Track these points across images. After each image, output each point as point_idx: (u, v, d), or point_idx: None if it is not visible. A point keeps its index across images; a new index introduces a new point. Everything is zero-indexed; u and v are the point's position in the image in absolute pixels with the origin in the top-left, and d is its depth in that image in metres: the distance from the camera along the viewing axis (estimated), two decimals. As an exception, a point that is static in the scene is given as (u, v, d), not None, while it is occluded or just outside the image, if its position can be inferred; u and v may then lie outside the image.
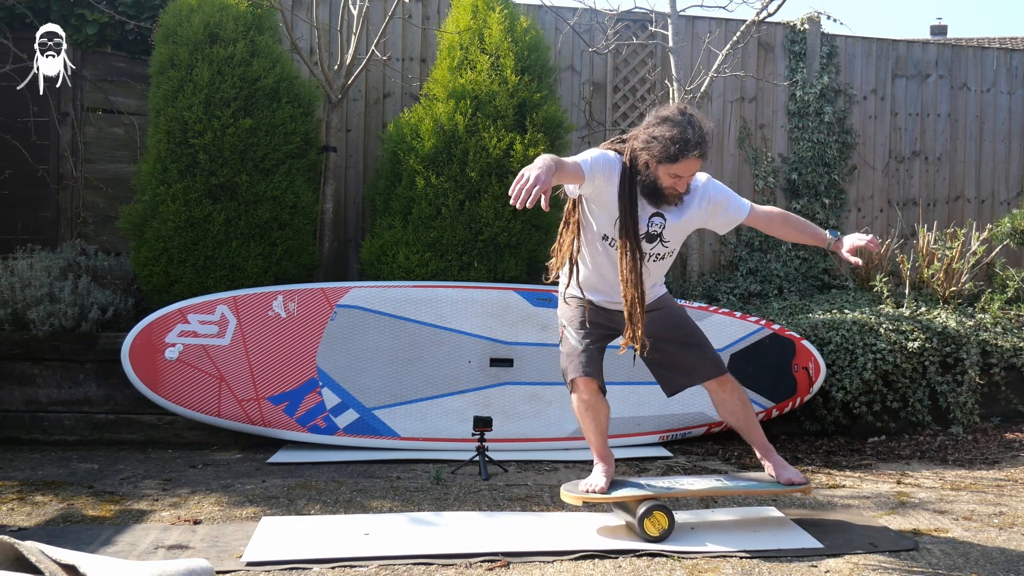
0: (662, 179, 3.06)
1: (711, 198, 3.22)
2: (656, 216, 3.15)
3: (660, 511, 3.08)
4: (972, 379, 5.16)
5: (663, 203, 3.13)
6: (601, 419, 3.32)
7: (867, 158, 6.91)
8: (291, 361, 4.56)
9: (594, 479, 3.28)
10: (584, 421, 3.33)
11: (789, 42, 6.76)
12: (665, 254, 3.23)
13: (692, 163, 3.03)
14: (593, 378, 3.24)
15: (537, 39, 5.55)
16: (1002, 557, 2.97)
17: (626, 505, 3.20)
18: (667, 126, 3.02)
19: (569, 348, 3.29)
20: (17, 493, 3.72)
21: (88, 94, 5.86)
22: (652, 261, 3.21)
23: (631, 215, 3.09)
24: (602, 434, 3.34)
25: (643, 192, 3.11)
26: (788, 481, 3.34)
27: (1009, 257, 6.71)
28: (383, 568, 2.83)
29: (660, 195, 3.11)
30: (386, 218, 5.30)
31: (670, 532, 3.09)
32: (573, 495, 3.23)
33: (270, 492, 3.78)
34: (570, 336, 3.29)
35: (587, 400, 3.27)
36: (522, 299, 4.77)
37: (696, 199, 3.20)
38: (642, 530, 3.06)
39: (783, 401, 4.89)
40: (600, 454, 3.34)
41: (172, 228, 4.96)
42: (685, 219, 3.20)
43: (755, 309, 5.75)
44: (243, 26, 5.18)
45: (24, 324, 4.85)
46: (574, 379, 3.26)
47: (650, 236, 3.16)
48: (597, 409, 3.30)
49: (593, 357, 3.25)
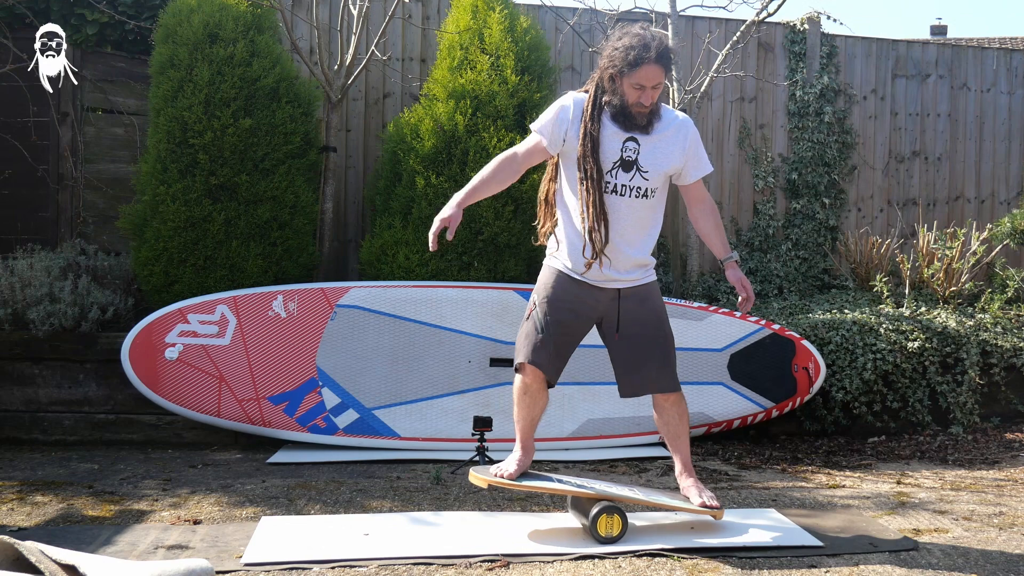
0: (627, 94, 3.06)
1: (688, 134, 3.20)
2: (630, 141, 3.11)
3: (616, 513, 3.05)
4: (972, 379, 5.16)
5: (633, 126, 3.11)
6: (536, 409, 3.29)
7: (867, 158, 6.91)
8: (291, 361, 4.56)
9: (506, 464, 3.26)
10: (519, 405, 3.29)
11: (789, 42, 6.76)
12: (647, 189, 3.14)
13: (653, 70, 3.02)
14: (540, 368, 3.18)
15: (537, 39, 5.55)
16: (1002, 557, 2.97)
17: (581, 504, 3.18)
18: (627, 37, 3.07)
19: (529, 329, 3.22)
20: (17, 493, 3.72)
21: (88, 94, 5.86)
22: (634, 197, 3.14)
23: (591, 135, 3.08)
24: (532, 423, 3.31)
25: (612, 116, 3.11)
26: (702, 504, 3.22)
27: (1009, 257, 6.72)
28: (383, 568, 2.83)
29: (629, 115, 3.09)
30: (386, 218, 5.30)
31: (623, 534, 3.05)
32: (483, 477, 3.21)
33: (270, 492, 3.78)
34: (536, 317, 3.21)
35: (529, 384, 3.23)
36: (522, 299, 4.77)
37: (672, 128, 3.17)
38: (595, 530, 3.04)
39: (783, 401, 4.89)
40: (523, 442, 3.32)
41: (172, 228, 4.96)
42: (661, 146, 3.15)
43: (755, 309, 5.75)
44: (243, 26, 5.18)
45: (24, 324, 4.85)
46: (521, 363, 3.21)
47: (625, 163, 3.11)
48: (536, 398, 3.27)
49: (548, 347, 3.17)
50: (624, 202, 3.14)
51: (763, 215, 6.67)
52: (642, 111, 3.09)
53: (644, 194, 3.15)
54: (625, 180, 3.12)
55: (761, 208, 6.68)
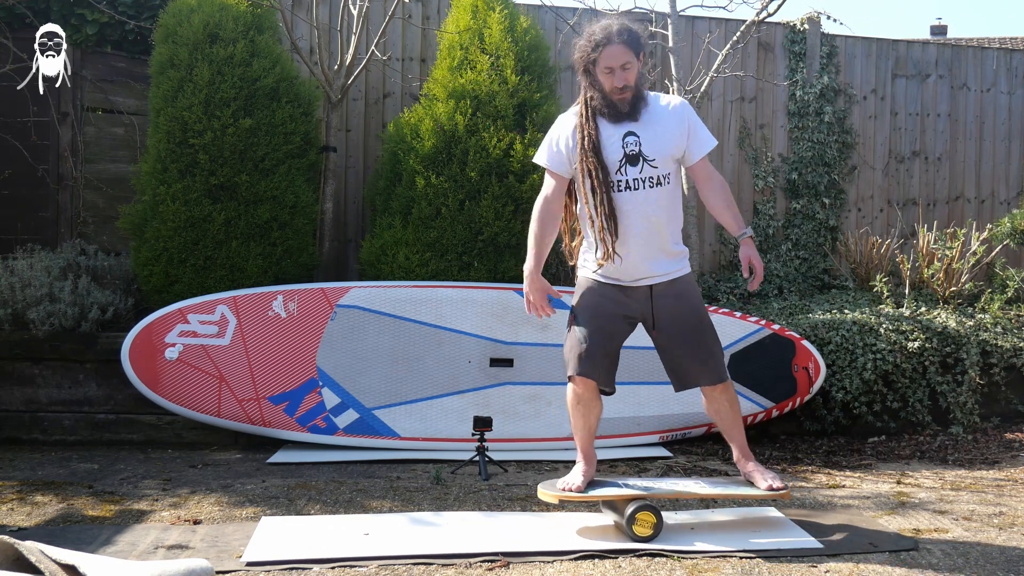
0: (603, 82, 3.10)
1: (685, 113, 3.20)
2: (629, 136, 3.13)
3: (647, 511, 3.07)
4: (972, 379, 5.16)
5: (620, 114, 3.13)
6: (591, 418, 3.29)
7: (867, 158, 6.91)
8: (291, 361, 4.56)
9: (572, 477, 3.26)
10: (574, 415, 3.30)
11: (789, 42, 6.76)
12: (659, 177, 3.15)
13: (616, 49, 3.06)
14: (589, 378, 3.20)
15: (537, 39, 5.55)
16: (1002, 557, 2.97)
17: (615, 505, 3.19)
18: (590, 27, 3.16)
19: (572, 340, 3.24)
20: (17, 493, 3.72)
21: (88, 94, 5.86)
22: (648, 187, 3.14)
23: (589, 134, 3.11)
24: (590, 432, 3.31)
25: (601, 112, 3.14)
26: (768, 488, 3.27)
27: (1009, 257, 6.71)
28: (383, 568, 2.83)
29: (611, 103, 3.12)
30: (386, 218, 5.30)
31: (659, 531, 3.08)
32: (551, 493, 3.21)
33: (270, 492, 3.78)
34: (576, 328, 3.23)
35: (580, 394, 3.24)
36: (522, 299, 4.75)
37: (668, 111, 3.19)
38: (631, 531, 3.06)
39: (783, 401, 4.89)
40: (584, 452, 3.32)
41: (172, 228, 4.96)
42: (661, 130, 3.15)
43: (755, 309, 5.75)
44: (243, 26, 5.18)
45: (24, 324, 4.85)
46: (570, 374, 3.24)
47: (631, 158, 3.13)
48: (589, 407, 3.27)
49: (593, 356, 3.19)
50: (641, 195, 3.14)
51: (763, 215, 6.67)
52: (623, 97, 3.12)
53: (658, 182, 3.16)
54: (635, 174, 3.13)
55: (761, 208, 6.68)
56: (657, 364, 3.43)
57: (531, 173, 5.14)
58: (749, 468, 3.38)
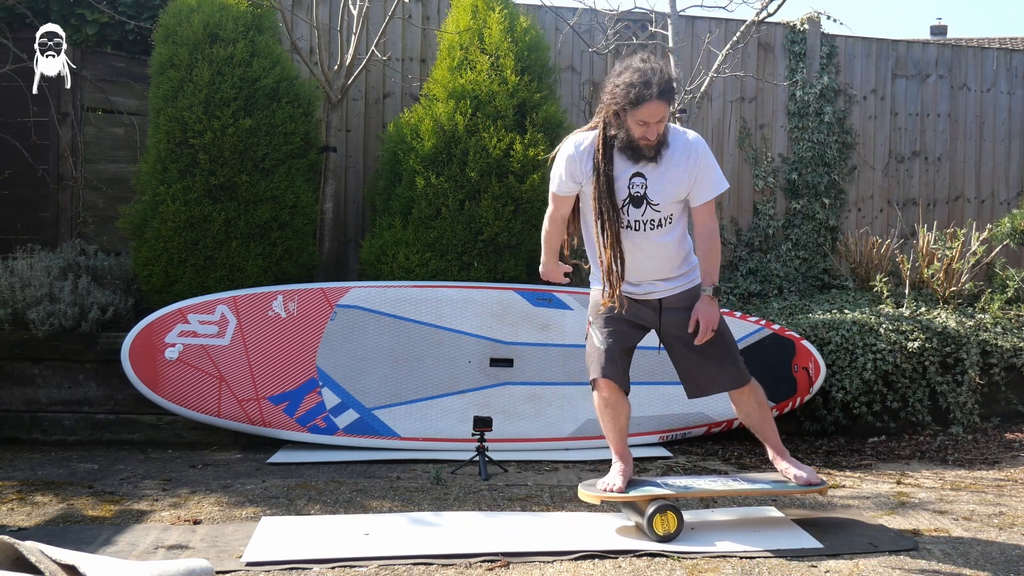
0: (632, 129, 3.05)
1: (697, 155, 3.15)
2: (636, 177, 3.12)
3: (670, 511, 3.09)
4: (972, 379, 5.16)
5: (641, 158, 3.11)
6: (621, 418, 3.33)
7: (867, 158, 6.91)
8: (291, 361, 4.56)
9: (611, 478, 3.29)
10: (603, 419, 3.35)
11: (789, 42, 6.76)
12: (660, 219, 3.16)
13: (656, 106, 3.00)
14: (612, 379, 3.24)
15: (537, 39, 5.55)
16: (1002, 557, 2.97)
17: (635, 504, 3.20)
18: (628, 73, 3.05)
19: (591, 348, 3.31)
20: (17, 493, 3.72)
21: (88, 94, 5.86)
22: (649, 229, 3.15)
23: (605, 174, 3.10)
24: (621, 432, 3.35)
25: (620, 149, 3.12)
26: (805, 483, 3.31)
27: (1009, 257, 6.71)
28: (383, 568, 2.83)
29: (636, 148, 3.09)
30: (386, 218, 5.30)
31: (679, 532, 3.09)
32: (592, 494, 3.23)
33: (270, 492, 3.78)
34: (594, 335, 3.29)
35: (607, 398, 3.29)
36: (522, 299, 4.77)
37: (680, 153, 3.14)
38: (651, 529, 3.07)
39: (783, 401, 4.89)
40: (619, 452, 3.35)
41: (172, 228, 4.96)
42: (670, 176, 3.13)
43: (755, 309, 5.75)
44: (243, 26, 5.18)
45: (24, 324, 4.85)
46: (594, 379, 3.28)
47: (635, 199, 3.13)
48: (617, 408, 3.30)
49: (614, 358, 3.25)
50: (640, 236, 3.17)
51: (763, 215, 6.67)
52: (648, 143, 3.09)
53: (658, 224, 3.17)
54: (637, 216, 3.15)
55: (761, 208, 6.68)
56: (657, 364, 3.45)
57: (531, 173, 5.14)
58: (783, 465, 3.41)
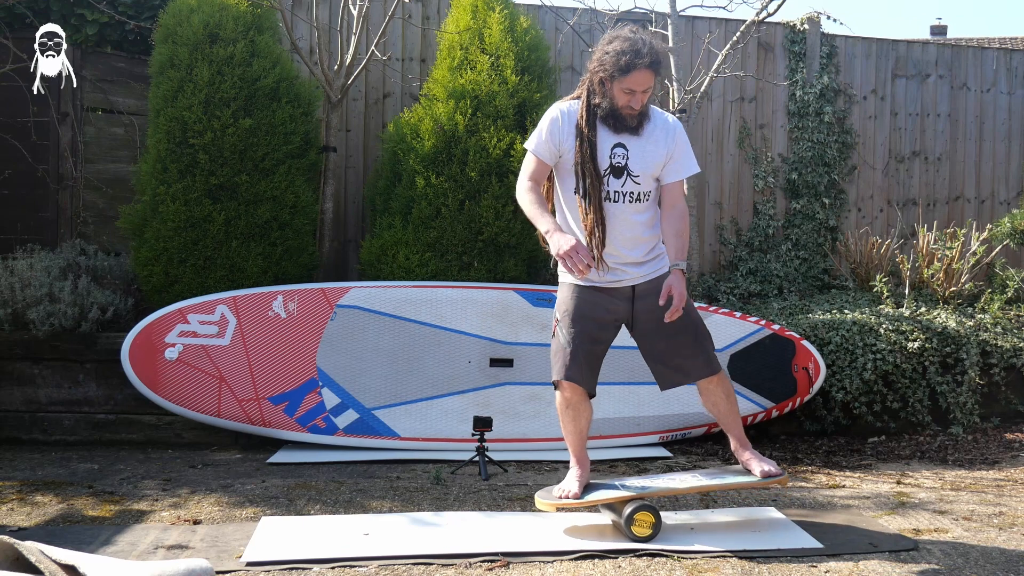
0: (617, 97, 3.07)
1: (676, 133, 3.19)
2: (618, 147, 3.13)
3: (646, 511, 3.07)
4: (972, 379, 5.16)
5: (623, 129, 3.12)
6: (581, 421, 3.27)
7: (867, 158, 6.91)
8: (291, 361, 4.56)
9: (567, 484, 3.24)
10: (563, 420, 3.29)
11: (789, 42, 6.76)
12: (640, 194, 3.16)
13: (644, 75, 3.03)
14: (575, 382, 3.18)
15: (537, 39, 5.55)
16: (1002, 557, 2.97)
17: (613, 506, 3.19)
18: (618, 42, 3.07)
19: (556, 346, 3.24)
20: (17, 493, 3.72)
21: (88, 94, 5.86)
22: (628, 202, 3.15)
23: (589, 139, 3.09)
24: (580, 436, 3.30)
25: (602, 119, 3.12)
26: (765, 474, 3.27)
27: (1009, 257, 6.71)
28: (383, 568, 2.83)
29: (619, 117, 3.10)
30: (386, 218, 5.30)
31: (658, 530, 3.08)
32: (548, 502, 3.20)
33: (270, 492, 3.78)
34: (560, 334, 3.22)
35: (568, 399, 3.23)
36: (522, 299, 4.77)
37: (660, 129, 3.18)
38: (630, 531, 3.06)
39: (783, 401, 4.89)
40: (577, 456, 3.31)
41: (172, 228, 4.96)
42: (650, 148, 3.15)
43: (755, 309, 5.75)
44: (243, 26, 5.18)
45: (24, 324, 4.85)
46: (556, 379, 3.23)
47: (616, 169, 3.13)
48: (578, 410, 3.25)
49: (579, 359, 3.17)
50: (618, 208, 3.15)
51: (763, 215, 6.68)
52: (631, 113, 3.11)
53: (637, 198, 3.17)
54: (617, 186, 3.14)
55: (761, 208, 6.68)
56: (657, 364, 3.42)
57: (531, 173, 5.14)
58: (746, 456, 3.38)
